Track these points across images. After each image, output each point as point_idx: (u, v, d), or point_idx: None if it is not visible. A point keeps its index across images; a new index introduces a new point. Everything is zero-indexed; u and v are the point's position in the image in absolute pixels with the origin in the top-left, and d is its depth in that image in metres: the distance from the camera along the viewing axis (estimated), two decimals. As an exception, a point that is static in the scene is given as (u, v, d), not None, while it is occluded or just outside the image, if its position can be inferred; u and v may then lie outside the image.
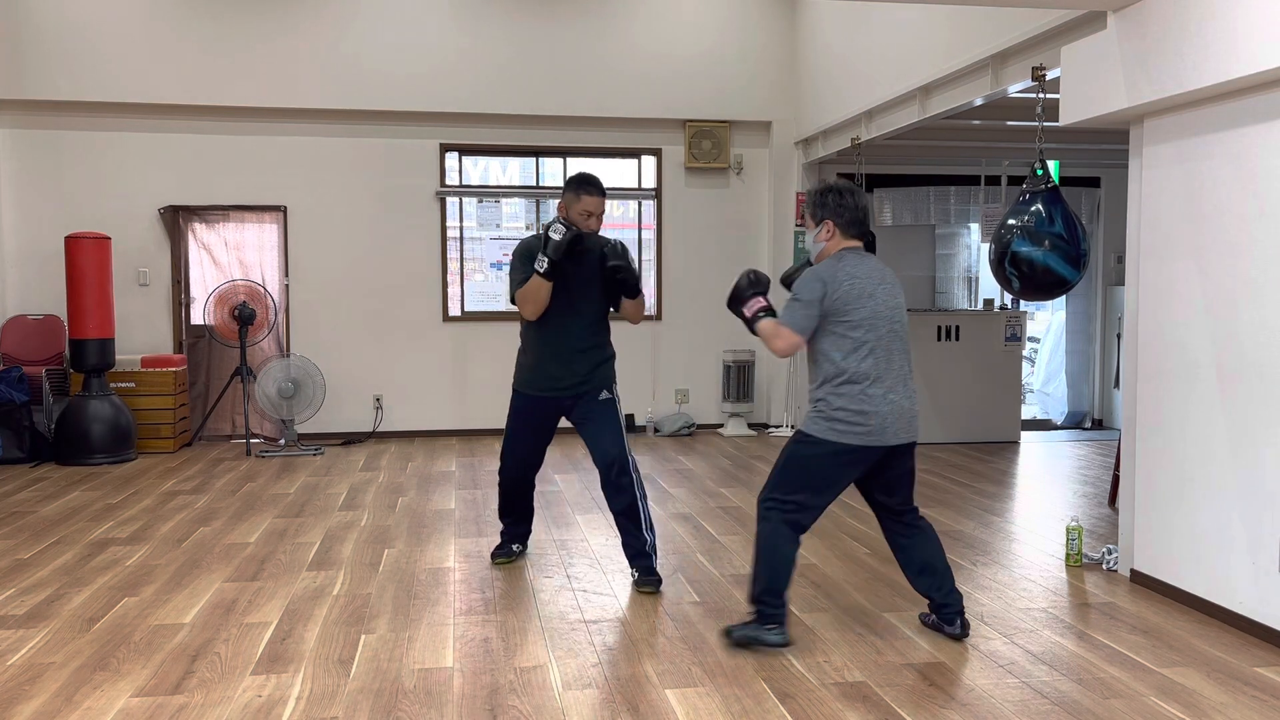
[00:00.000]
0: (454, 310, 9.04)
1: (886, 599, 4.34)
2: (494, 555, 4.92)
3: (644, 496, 4.58)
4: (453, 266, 9.05)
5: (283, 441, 8.24)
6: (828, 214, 3.72)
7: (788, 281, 4.01)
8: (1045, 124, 5.24)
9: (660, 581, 4.48)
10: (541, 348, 4.53)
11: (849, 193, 3.72)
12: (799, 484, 3.68)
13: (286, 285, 8.70)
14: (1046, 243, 4.88)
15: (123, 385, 7.93)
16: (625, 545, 4.59)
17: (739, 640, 3.75)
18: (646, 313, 9.28)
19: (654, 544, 4.59)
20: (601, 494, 6.51)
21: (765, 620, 3.71)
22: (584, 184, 4.39)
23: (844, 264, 3.64)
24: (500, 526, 4.99)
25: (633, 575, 4.56)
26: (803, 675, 3.49)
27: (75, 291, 7.57)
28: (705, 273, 9.29)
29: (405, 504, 6.24)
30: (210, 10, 8.38)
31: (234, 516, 5.86)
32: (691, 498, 6.38)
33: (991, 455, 8.03)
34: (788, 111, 9.17)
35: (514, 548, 4.95)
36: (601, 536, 5.39)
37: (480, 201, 9.16)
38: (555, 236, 4.27)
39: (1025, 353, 9.28)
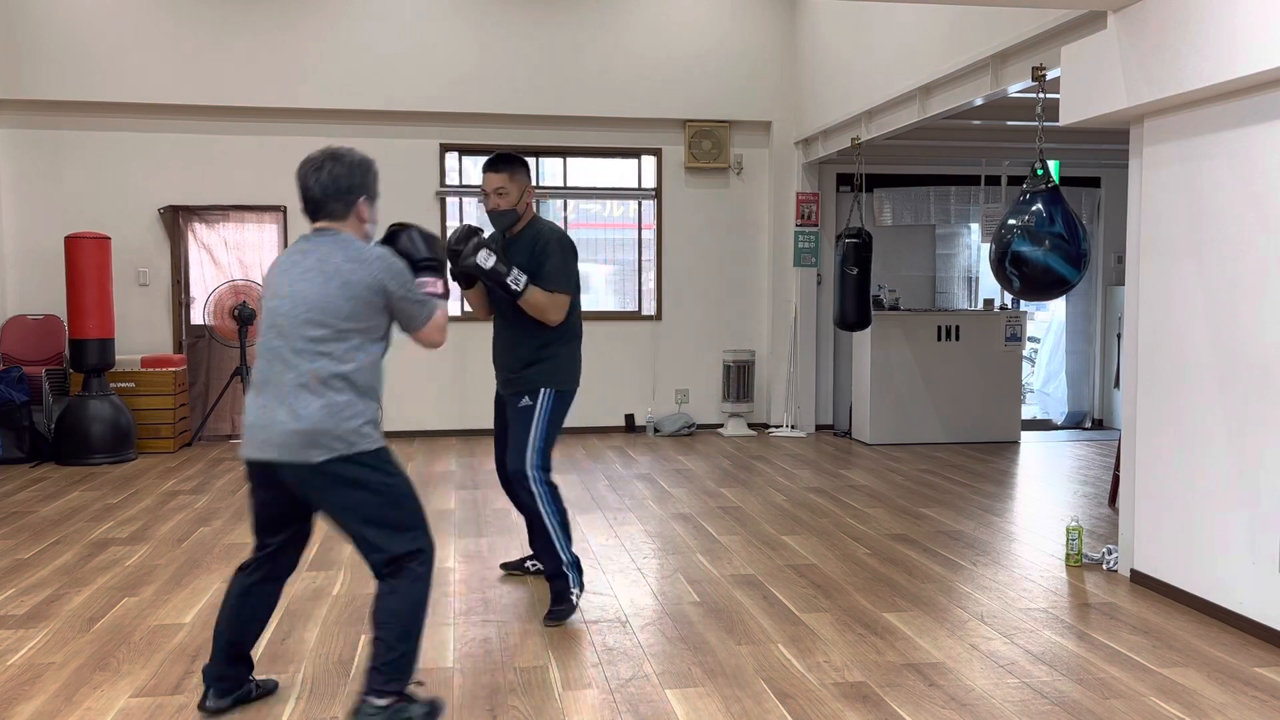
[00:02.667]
0: (454, 310, 9.04)
1: (886, 599, 4.34)
2: (504, 564, 4.78)
3: (555, 515, 4.10)
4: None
5: (283, 441, 8.22)
6: None
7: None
8: (1045, 124, 5.24)
9: (568, 613, 4.05)
10: (493, 339, 4.35)
11: (305, 163, 3.04)
12: None
13: (286, 285, 8.69)
14: (1047, 242, 4.88)
15: (123, 385, 7.93)
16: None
17: None
18: (646, 312, 9.30)
19: (572, 562, 4.11)
20: (603, 493, 6.57)
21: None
22: (486, 163, 4.20)
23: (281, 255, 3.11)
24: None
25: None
26: (803, 675, 3.49)
27: (75, 291, 7.57)
28: (705, 273, 9.29)
29: (405, 504, 6.23)
30: (210, 10, 8.38)
31: (234, 516, 5.86)
32: (691, 498, 6.38)
33: (991, 455, 8.03)
34: (788, 111, 9.17)
35: (528, 565, 4.64)
36: (601, 536, 5.39)
37: (480, 201, 9.14)
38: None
39: (1025, 353, 9.28)
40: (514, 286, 3.97)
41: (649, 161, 9.29)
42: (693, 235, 9.28)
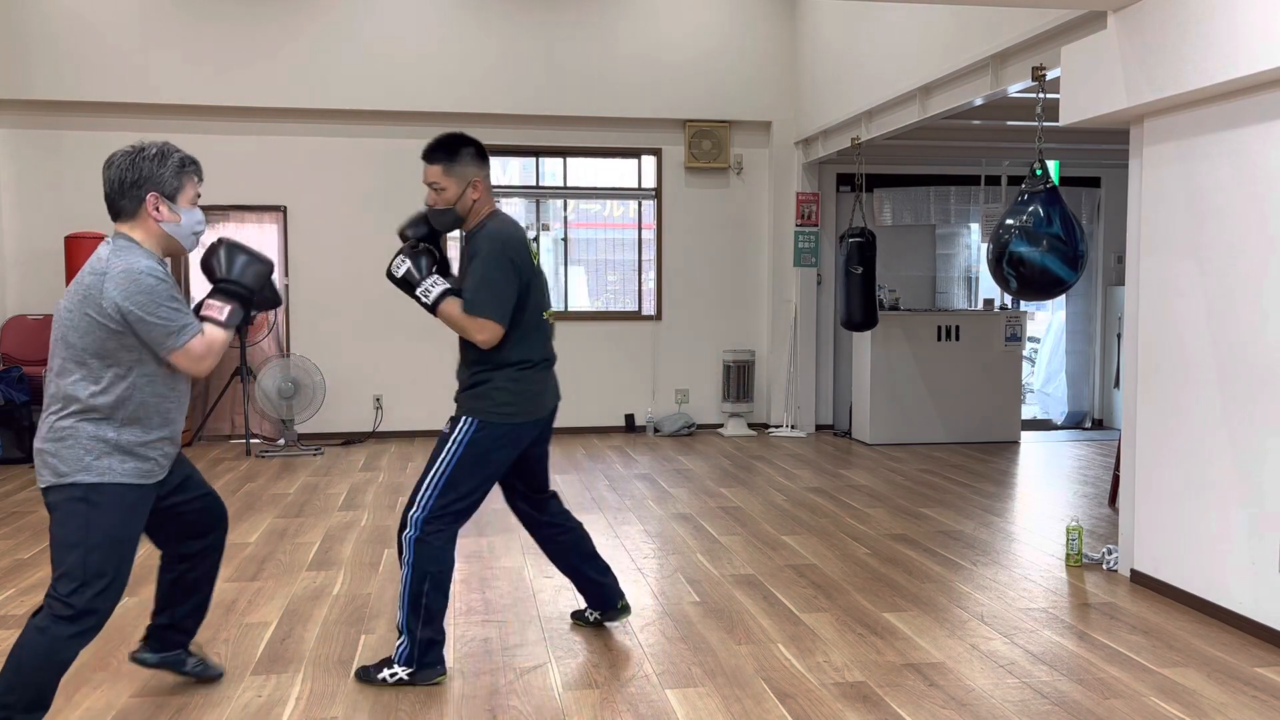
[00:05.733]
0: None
1: (886, 599, 4.34)
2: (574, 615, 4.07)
3: (412, 586, 3.31)
4: (453, 266, 9.04)
5: (283, 441, 8.23)
6: None
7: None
8: (1045, 124, 5.24)
9: (374, 677, 3.38)
10: None
11: (119, 157, 2.96)
12: None
13: (286, 285, 8.70)
14: (1044, 243, 4.89)
15: (123, 385, 7.91)
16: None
17: None
18: (646, 312, 9.31)
19: (412, 635, 3.33)
20: (603, 493, 6.56)
21: None
22: (424, 150, 3.63)
23: None
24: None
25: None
26: (803, 675, 3.49)
27: (75, 291, 7.56)
28: (705, 273, 9.29)
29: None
30: (210, 11, 8.38)
31: (234, 516, 5.85)
32: (691, 498, 6.38)
33: (991, 455, 8.03)
34: (788, 111, 9.17)
35: (587, 614, 3.98)
36: (602, 536, 5.39)
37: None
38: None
39: (1025, 353, 9.28)
40: (423, 299, 3.46)
41: (649, 161, 9.29)
42: (693, 235, 9.28)
